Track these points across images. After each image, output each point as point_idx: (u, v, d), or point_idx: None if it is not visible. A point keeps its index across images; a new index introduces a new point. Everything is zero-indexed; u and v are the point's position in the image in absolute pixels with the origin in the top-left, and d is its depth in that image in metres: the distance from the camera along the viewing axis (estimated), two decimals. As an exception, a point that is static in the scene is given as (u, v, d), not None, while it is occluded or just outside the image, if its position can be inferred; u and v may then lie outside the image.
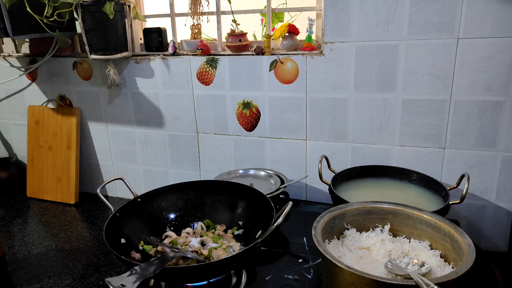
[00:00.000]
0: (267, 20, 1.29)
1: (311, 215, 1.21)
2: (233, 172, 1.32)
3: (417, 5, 1.06)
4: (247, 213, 1.05)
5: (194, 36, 1.38)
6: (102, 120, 1.54)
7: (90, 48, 1.32)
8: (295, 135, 1.29)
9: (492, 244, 1.17)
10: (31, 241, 1.26)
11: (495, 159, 1.10)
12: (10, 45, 1.62)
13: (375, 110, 1.18)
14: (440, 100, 1.11)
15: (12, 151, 1.78)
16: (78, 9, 1.26)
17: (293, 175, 1.32)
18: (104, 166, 1.61)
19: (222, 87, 1.33)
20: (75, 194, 1.54)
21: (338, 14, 1.13)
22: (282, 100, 1.27)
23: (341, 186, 1.14)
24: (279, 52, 1.26)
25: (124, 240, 0.95)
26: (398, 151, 1.19)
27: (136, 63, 1.40)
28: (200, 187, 1.11)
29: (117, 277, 0.70)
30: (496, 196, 1.13)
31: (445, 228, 0.81)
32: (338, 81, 1.19)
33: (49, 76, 1.56)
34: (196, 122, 1.40)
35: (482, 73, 1.05)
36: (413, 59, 1.10)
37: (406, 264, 0.76)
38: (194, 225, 1.08)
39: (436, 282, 0.63)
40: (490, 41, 1.02)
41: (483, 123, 1.09)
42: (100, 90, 1.50)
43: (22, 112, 1.66)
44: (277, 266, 0.98)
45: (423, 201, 1.06)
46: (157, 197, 1.07)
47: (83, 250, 1.20)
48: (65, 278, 1.06)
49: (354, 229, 0.89)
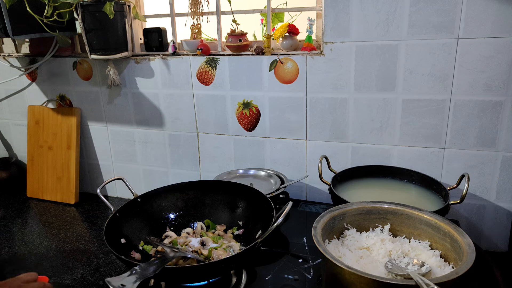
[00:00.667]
0: (267, 20, 1.29)
1: (311, 215, 1.21)
2: (233, 172, 1.32)
3: (417, 5, 1.06)
4: (247, 213, 1.05)
5: (194, 36, 1.38)
6: (102, 120, 1.54)
7: (90, 48, 1.32)
8: (295, 135, 1.29)
9: (492, 244, 1.17)
10: (31, 241, 1.26)
11: (495, 159, 1.10)
12: (10, 45, 1.62)
13: (375, 110, 1.18)
14: (440, 100, 1.11)
15: (12, 151, 1.78)
16: (78, 9, 1.26)
17: (293, 175, 1.32)
18: (104, 166, 1.61)
19: (222, 87, 1.33)
20: (75, 194, 1.54)
21: (338, 14, 1.13)
22: (282, 100, 1.27)
23: (341, 186, 1.14)
24: (279, 52, 1.26)
25: (124, 240, 0.95)
26: (398, 151, 1.19)
27: (136, 63, 1.40)
28: (200, 187, 1.11)
29: (117, 277, 0.70)
30: (496, 196, 1.13)
31: (445, 228, 0.81)
32: (338, 81, 1.19)
33: (49, 76, 1.56)
34: (196, 122, 1.40)
35: (482, 73, 1.05)
36: (413, 59, 1.10)
37: (406, 264, 0.76)
38: (194, 225, 1.08)
39: (436, 282, 0.63)
40: (490, 41, 1.02)
41: (483, 123, 1.09)
42: (100, 90, 1.50)
43: (22, 112, 1.66)
44: (277, 266, 0.98)
45: (423, 201, 1.06)
46: (157, 197, 1.07)
47: (83, 250, 1.20)
48: (65, 278, 1.06)
49: (354, 229, 0.89)
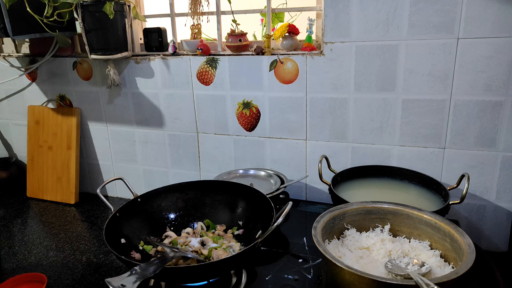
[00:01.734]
0: (267, 20, 1.29)
1: (311, 215, 1.21)
2: (233, 172, 1.32)
3: (417, 5, 1.06)
4: (247, 213, 1.05)
5: (194, 36, 1.38)
6: (102, 120, 1.54)
7: (90, 48, 1.32)
8: (295, 135, 1.29)
9: (492, 244, 1.17)
10: (31, 241, 1.26)
11: (495, 159, 1.10)
12: (10, 45, 1.62)
13: (375, 110, 1.18)
14: (440, 100, 1.11)
15: (12, 151, 1.78)
16: (78, 9, 1.26)
17: (293, 175, 1.32)
18: (104, 166, 1.61)
19: (222, 87, 1.33)
20: (75, 194, 1.54)
21: (338, 14, 1.13)
22: (282, 100, 1.27)
23: (341, 186, 1.14)
24: (279, 52, 1.26)
25: (124, 240, 0.95)
26: (398, 151, 1.19)
27: (136, 63, 1.40)
28: (200, 187, 1.11)
29: (117, 277, 0.70)
30: (496, 196, 1.13)
31: (445, 228, 0.81)
32: (338, 81, 1.19)
33: (49, 76, 1.56)
34: (196, 122, 1.40)
35: (482, 73, 1.05)
36: (413, 59, 1.10)
37: (406, 264, 0.76)
38: (194, 225, 1.08)
39: (436, 282, 0.63)
40: (490, 41, 1.02)
41: (483, 123, 1.09)
42: (100, 90, 1.50)
43: (22, 112, 1.66)
44: (277, 266, 0.98)
45: (423, 201, 1.06)
46: (157, 197, 1.07)
47: (83, 250, 1.20)
48: (65, 278, 1.06)
49: (354, 229, 0.89)
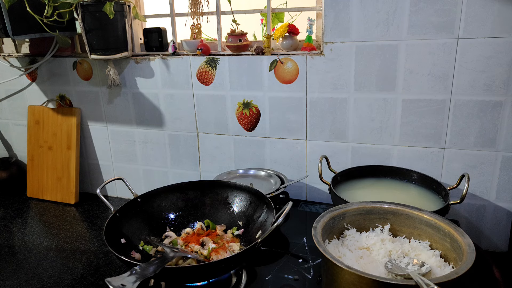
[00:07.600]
0: (267, 20, 1.29)
1: (311, 215, 1.21)
2: (233, 172, 1.32)
3: (417, 5, 1.06)
4: (247, 213, 1.05)
5: (194, 36, 1.38)
6: (102, 120, 1.54)
7: (90, 48, 1.32)
8: (295, 135, 1.29)
9: (492, 244, 1.17)
10: (31, 241, 1.26)
11: (495, 159, 1.10)
12: (10, 45, 1.62)
13: (375, 110, 1.18)
14: (440, 100, 1.11)
15: (12, 151, 1.78)
16: (78, 9, 1.26)
17: (293, 175, 1.32)
18: (104, 166, 1.61)
19: (222, 87, 1.33)
20: (75, 194, 1.54)
21: (338, 14, 1.13)
22: (282, 100, 1.27)
23: (341, 186, 1.14)
24: (279, 52, 1.26)
25: (124, 240, 0.95)
26: (398, 151, 1.19)
27: (136, 63, 1.40)
28: (200, 187, 1.11)
29: (117, 277, 0.70)
30: (496, 196, 1.13)
31: (445, 228, 0.81)
32: (338, 81, 1.19)
33: (49, 76, 1.56)
34: (196, 122, 1.40)
35: (482, 73, 1.05)
36: (413, 59, 1.10)
37: (406, 264, 0.76)
38: (194, 225, 1.08)
39: (436, 282, 0.63)
40: (490, 41, 1.02)
41: (483, 123, 1.09)
42: (100, 90, 1.50)
43: (22, 112, 1.66)
44: (277, 266, 0.98)
45: (423, 201, 1.06)
46: (157, 197, 1.07)
47: (83, 250, 1.20)
48: (65, 278, 1.06)
49: (354, 229, 0.89)
